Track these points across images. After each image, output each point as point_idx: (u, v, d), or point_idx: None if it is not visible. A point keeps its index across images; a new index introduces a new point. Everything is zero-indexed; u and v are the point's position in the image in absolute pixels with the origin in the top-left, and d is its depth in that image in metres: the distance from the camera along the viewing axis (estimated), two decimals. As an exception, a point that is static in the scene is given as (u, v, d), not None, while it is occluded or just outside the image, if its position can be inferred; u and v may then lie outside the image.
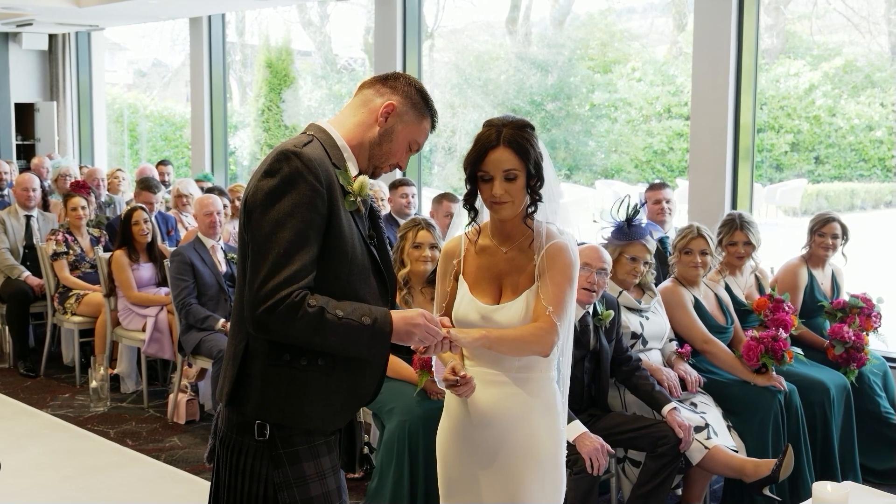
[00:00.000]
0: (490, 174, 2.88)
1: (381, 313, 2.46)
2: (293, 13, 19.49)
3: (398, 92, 2.64)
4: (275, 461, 2.49)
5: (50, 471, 5.50)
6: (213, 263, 6.22)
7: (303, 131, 2.63)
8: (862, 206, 17.00)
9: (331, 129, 2.61)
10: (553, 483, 3.04)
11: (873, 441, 5.36)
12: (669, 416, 4.43)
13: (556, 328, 2.89)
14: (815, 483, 2.74)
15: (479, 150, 2.89)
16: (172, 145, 19.60)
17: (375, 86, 2.66)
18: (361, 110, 2.64)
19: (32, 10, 11.42)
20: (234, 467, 2.54)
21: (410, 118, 2.64)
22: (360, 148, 2.62)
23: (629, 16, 19.14)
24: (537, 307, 2.92)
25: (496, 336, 2.86)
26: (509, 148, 2.87)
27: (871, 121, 16.59)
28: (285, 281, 2.35)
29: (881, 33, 17.12)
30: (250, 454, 2.51)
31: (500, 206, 2.91)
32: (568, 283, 2.94)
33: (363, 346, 2.46)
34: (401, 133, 2.64)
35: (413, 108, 2.65)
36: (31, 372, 7.52)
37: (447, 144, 18.15)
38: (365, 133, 2.62)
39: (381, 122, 2.61)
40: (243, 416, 2.51)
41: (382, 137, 2.62)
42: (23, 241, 7.91)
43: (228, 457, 2.55)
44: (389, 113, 2.61)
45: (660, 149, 17.69)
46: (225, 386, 2.54)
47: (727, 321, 5.20)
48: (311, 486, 2.51)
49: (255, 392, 2.49)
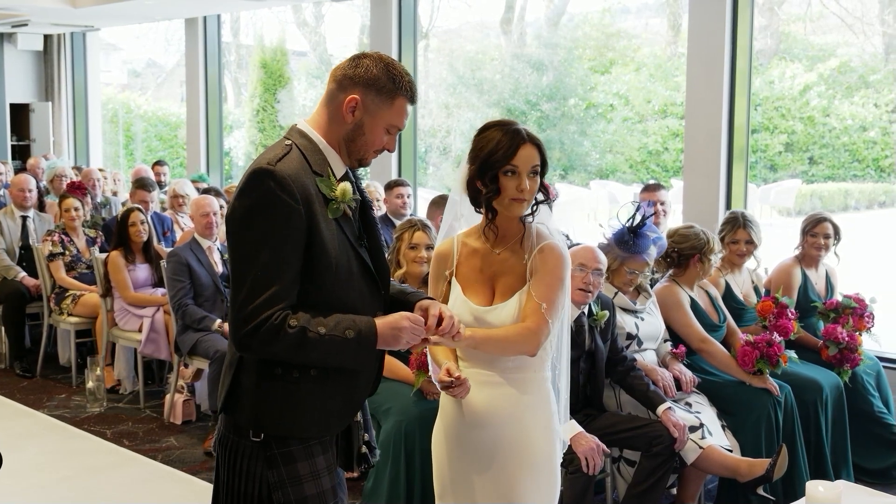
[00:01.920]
0: (518, 169, 2.89)
1: (364, 324, 2.48)
2: (288, 13, 19.50)
3: (359, 81, 2.53)
4: (269, 461, 2.51)
5: (47, 471, 5.51)
6: (209, 264, 6.23)
7: (285, 135, 2.60)
8: (856, 207, 17.03)
9: (310, 130, 2.57)
10: (547, 483, 3.06)
11: (866, 440, 5.39)
12: (664, 415, 4.45)
13: (543, 328, 2.90)
14: (808, 482, 2.77)
15: (509, 146, 2.88)
16: (167, 145, 19.58)
17: (339, 78, 2.56)
18: (329, 107, 2.58)
19: (28, 10, 11.42)
20: (232, 467, 2.56)
21: (378, 105, 2.54)
22: (337, 145, 2.58)
23: (624, 16, 19.16)
24: (526, 305, 2.93)
25: (482, 336, 2.87)
26: (534, 146, 2.91)
27: (865, 121, 16.62)
28: (264, 303, 2.37)
29: (875, 34, 17.16)
30: (246, 455, 2.53)
31: (521, 204, 2.91)
32: (559, 282, 2.95)
33: (349, 359, 2.49)
34: (371, 123, 2.56)
35: (379, 92, 2.53)
36: (27, 372, 7.53)
37: (442, 144, 18.16)
38: (339, 130, 2.57)
39: (348, 117, 2.54)
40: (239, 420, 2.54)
41: (354, 133, 2.56)
42: (19, 242, 7.92)
43: (227, 456, 2.57)
44: (354, 107, 2.54)
45: (654, 149, 17.72)
46: (221, 393, 2.57)
47: (719, 318, 5.23)
48: (305, 486, 2.53)
49: (249, 404, 2.52)
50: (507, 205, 2.92)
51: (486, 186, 2.91)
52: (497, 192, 2.91)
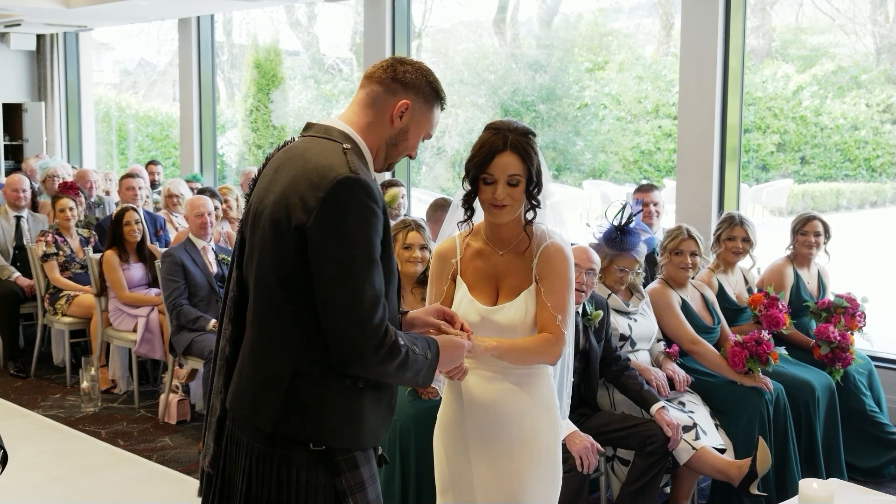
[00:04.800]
0: (494, 177, 2.92)
1: (433, 345, 2.50)
2: (281, 13, 19.48)
3: (410, 88, 2.52)
4: (334, 469, 2.42)
5: (41, 471, 5.52)
6: (204, 264, 6.24)
7: (324, 133, 2.49)
8: (847, 207, 17.08)
9: (353, 132, 2.50)
10: (551, 478, 3.09)
11: (858, 439, 5.42)
12: (658, 415, 4.48)
13: (562, 338, 3.00)
14: (801, 480, 2.80)
15: (485, 154, 2.92)
16: (160, 145, 19.56)
17: (384, 81, 2.52)
18: (372, 110, 2.52)
19: (21, 10, 11.40)
20: (279, 481, 2.41)
21: (423, 111, 2.55)
22: (376, 148, 2.53)
23: (616, 16, 19.19)
24: (543, 316, 2.99)
25: (507, 346, 2.94)
26: (515, 153, 2.92)
27: (857, 121, 16.67)
28: (382, 319, 2.33)
29: (867, 34, 17.21)
30: (303, 466, 2.41)
31: (500, 211, 2.95)
32: (567, 286, 3.03)
33: (421, 378, 2.49)
34: (415, 129, 2.55)
35: (425, 100, 2.55)
36: (21, 373, 7.53)
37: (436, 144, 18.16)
38: (382, 133, 2.53)
39: (396, 122, 2.52)
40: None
41: (398, 137, 2.54)
42: (13, 242, 7.92)
43: (267, 471, 2.42)
44: (404, 112, 2.52)
45: (647, 149, 17.74)
46: (265, 410, 2.41)
47: (714, 321, 5.25)
48: (367, 491, 2.47)
49: (311, 417, 2.40)
50: (486, 209, 2.99)
51: (470, 188, 2.99)
52: (474, 195, 2.99)
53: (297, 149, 2.49)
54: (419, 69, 2.55)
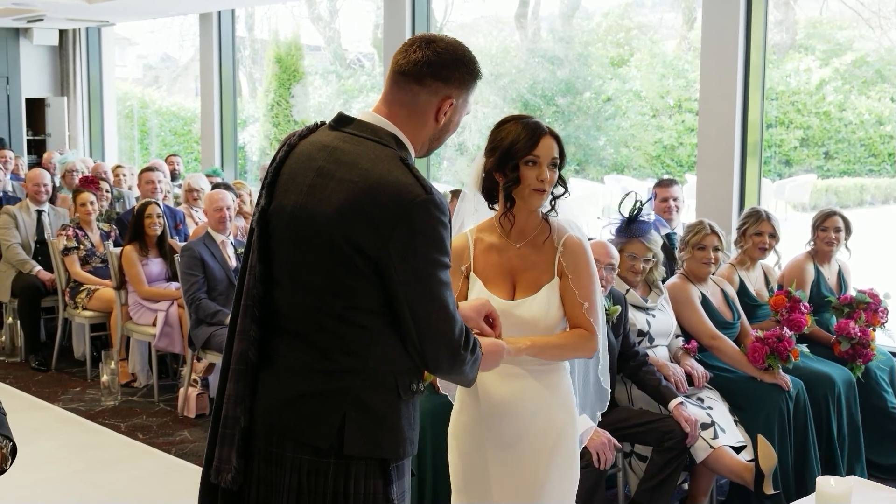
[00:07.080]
0: (539, 159, 2.92)
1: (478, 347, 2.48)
2: (302, 8, 19.49)
3: (452, 82, 2.40)
4: (388, 477, 2.37)
5: (61, 464, 5.55)
6: (223, 258, 6.26)
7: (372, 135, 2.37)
8: (871, 202, 16.93)
9: (402, 135, 2.40)
10: (570, 474, 3.09)
11: (879, 436, 5.37)
12: (676, 410, 4.45)
13: (596, 333, 3.02)
14: (818, 477, 2.77)
15: (530, 136, 2.92)
16: (182, 140, 19.63)
17: (425, 81, 2.39)
18: (412, 108, 2.40)
19: (43, 6, 11.48)
20: (335, 494, 2.32)
21: (465, 97, 2.47)
22: (420, 145, 2.46)
23: (639, 10, 19.10)
24: (575, 312, 3.00)
25: (542, 344, 2.95)
26: (554, 139, 2.95)
27: (882, 116, 16.52)
28: (461, 328, 2.35)
29: (892, 28, 17.05)
30: (360, 475, 2.33)
31: (541, 195, 2.96)
32: (593, 280, 3.05)
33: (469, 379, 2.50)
34: (456, 119, 2.49)
35: (467, 89, 2.45)
36: (42, 366, 7.57)
37: (457, 140, 18.14)
38: (424, 131, 2.44)
39: (441, 118, 2.43)
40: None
41: (441, 131, 2.48)
42: (34, 236, 7.96)
43: (322, 484, 2.32)
44: (448, 109, 2.43)
45: (669, 144, 17.66)
46: (324, 426, 2.31)
47: (734, 317, 5.22)
48: (406, 498, 2.45)
49: (376, 429, 2.33)
50: (527, 195, 2.96)
51: (507, 176, 2.95)
52: (517, 181, 2.94)
53: (346, 154, 2.34)
54: (454, 55, 2.41)
